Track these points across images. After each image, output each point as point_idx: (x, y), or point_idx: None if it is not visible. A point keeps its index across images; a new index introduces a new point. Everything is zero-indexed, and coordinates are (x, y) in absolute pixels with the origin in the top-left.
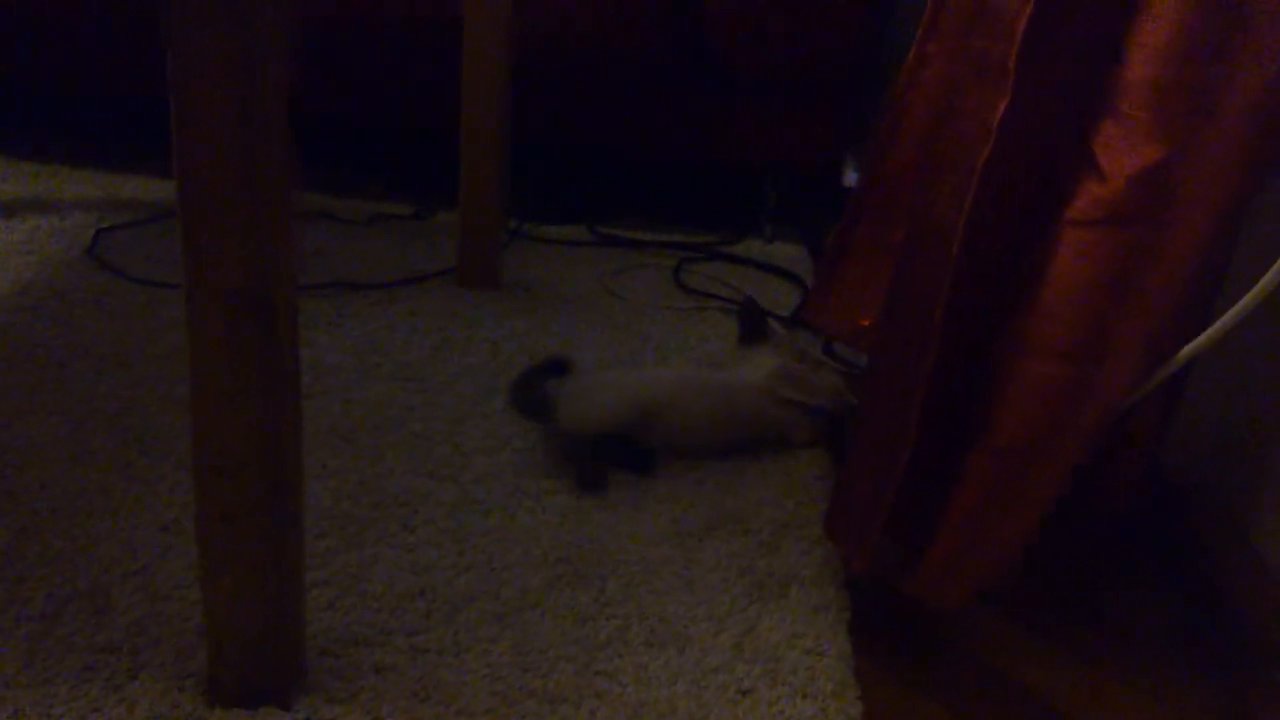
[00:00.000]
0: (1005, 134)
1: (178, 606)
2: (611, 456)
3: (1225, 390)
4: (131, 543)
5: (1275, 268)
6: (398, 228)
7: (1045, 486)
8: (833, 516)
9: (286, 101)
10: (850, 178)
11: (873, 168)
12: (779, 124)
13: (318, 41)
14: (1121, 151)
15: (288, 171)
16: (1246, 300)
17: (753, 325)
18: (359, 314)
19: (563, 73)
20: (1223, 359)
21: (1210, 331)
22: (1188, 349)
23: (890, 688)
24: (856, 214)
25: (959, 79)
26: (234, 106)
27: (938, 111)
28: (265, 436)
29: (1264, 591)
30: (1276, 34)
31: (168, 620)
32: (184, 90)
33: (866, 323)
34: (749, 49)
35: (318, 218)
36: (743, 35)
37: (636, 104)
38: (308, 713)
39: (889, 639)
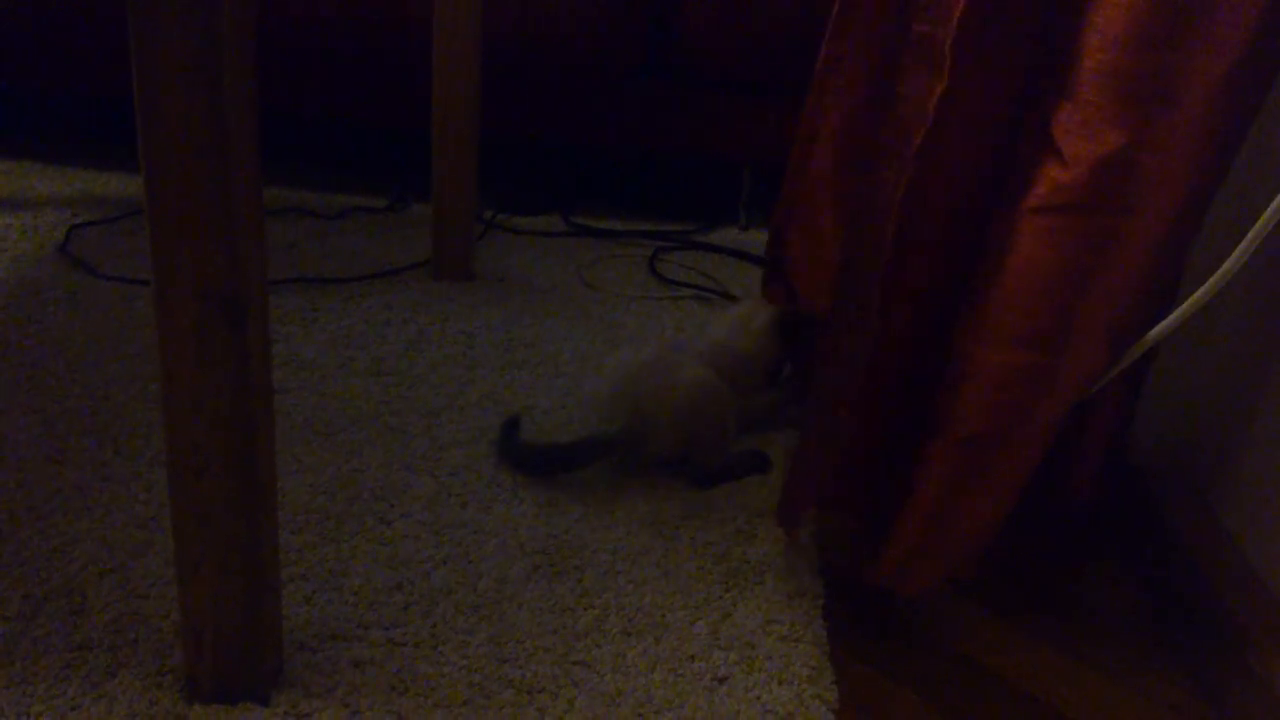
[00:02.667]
0: (946, 118)
1: (155, 604)
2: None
3: (1191, 372)
4: (108, 541)
5: (1237, 251)
6: (371, 221)
7: (1009, 475)
8: (782, 504)
9: (255, 97)
10: None
11: (795, 175)
12: (753, 114)
13: (291, 35)
14: (1082, 138)
15: (257, 168)
16: (1209, 285)
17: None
18: (333, 308)
19: (536, 65)
20: (1188, 340)
21: (1172, 317)
22: (1152, 334)
23: (865, 673)
24: (788, 214)
25: (904, 67)
26: (201, 104)
27: (855, 110)
28: (237, 435)
29: (1232, 572)
30: (1234, 22)
31: (145, 618)
32: (149, 88)
33: (823, 307)
34: (722, 39)
35: (291, 212)
36: (716, 25)
37: (611, 97)
38: (286, 708)
39: (864, 625)
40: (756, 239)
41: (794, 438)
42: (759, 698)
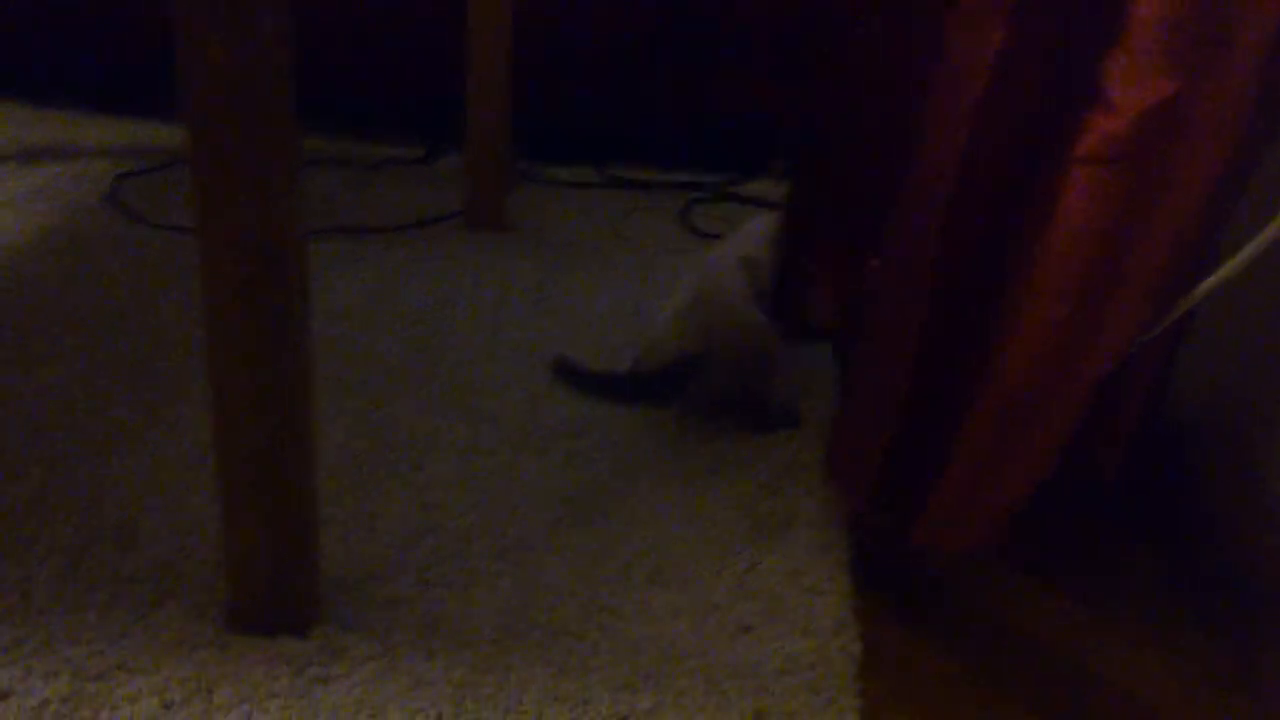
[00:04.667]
0: (1001, 72)
1: (200, 540)
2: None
3: (1238, 330)
4: (156, 480)
5: None
6: (407, 171)
7: (1050, 435)
8: (832, 455)
9: (290, 54)
10: None
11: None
12: (787, 65)
13: None
14: (1132, 86)
15: (295, 122)
16: (1259, 240)
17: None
18: (368, 259)
19: (570, 23)
20: (1234, 296)
21: (1221, 272)
22: (1200, 289)
23: (891, 628)
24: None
25: (950, 23)
26: (239, 63)
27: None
28: (278, 381)
29: (1274, 537)
30: None
31: (191, 553)
32: (189, 44)
33: (877, 263)
34: None
35: (328, 163)
36: None
37: (645, 56)
38: (322, 640)
39: (891, 582)
40: None
41: (823, 388)
42: (782, 648)
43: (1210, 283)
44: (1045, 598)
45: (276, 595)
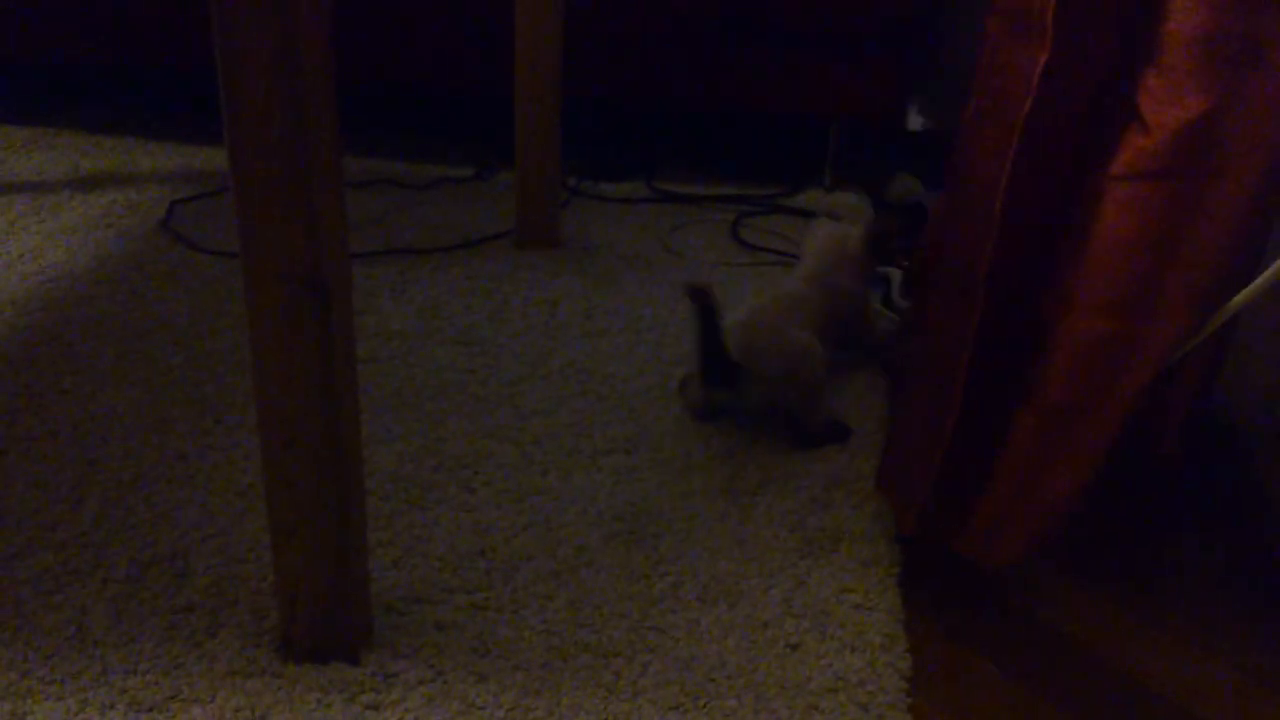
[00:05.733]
0: (1046, 89)
1: (253, 568)
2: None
3: None
4: (209, 508)
5: None
6: (459, 190)
7: (1093, 444)
8: (883, 472)
9: (333, 85)
10: (915, 122)
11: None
12: (840, 72)
13: (374, 7)
14: (1165, 104)
15: (337, 156)
16: None
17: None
18: (420, 279)
19: (618, 27)
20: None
21: (1258, 282)
22: (1238, 298)
23: (940, 642)
24: None
25: (996, 35)
26: (281, 99)
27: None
28: (324, 408)
29: None
30: None
31: (244, 581)
32: (232, 83)
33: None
34: None
35: (381, 183)
36: None
37: (694, 57)
38: (374, 667)
39: (939, 594)
40: (842, 200)
41: (872, 401)
42: (831, 665)
43: (1248, 292)
44: (1095, 603)
45: (328, 622)
